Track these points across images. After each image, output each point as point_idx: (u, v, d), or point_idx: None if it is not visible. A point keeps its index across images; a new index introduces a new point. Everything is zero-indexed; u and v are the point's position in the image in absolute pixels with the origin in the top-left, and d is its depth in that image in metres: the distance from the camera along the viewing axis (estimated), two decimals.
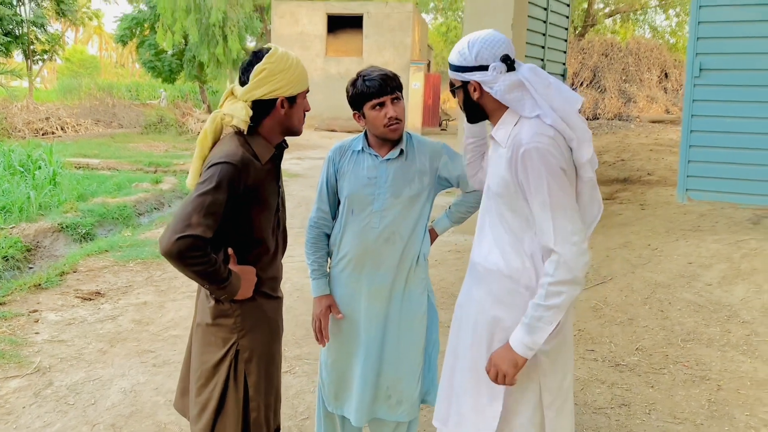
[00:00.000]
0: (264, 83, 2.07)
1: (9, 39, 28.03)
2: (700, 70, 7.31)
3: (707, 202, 7.30)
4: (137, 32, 30.51)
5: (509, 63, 1.99)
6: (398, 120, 2.42)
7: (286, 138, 2.26)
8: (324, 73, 24.55)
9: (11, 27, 28.48)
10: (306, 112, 2.22)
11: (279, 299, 2.32)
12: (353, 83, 2.46)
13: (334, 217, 2.62)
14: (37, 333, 4.54)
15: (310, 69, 24.27)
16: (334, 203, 2.61)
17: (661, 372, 3.95)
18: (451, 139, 12.86)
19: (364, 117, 2.46)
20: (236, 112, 2.08)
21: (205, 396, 2.16)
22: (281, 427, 3.33)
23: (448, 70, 2.11)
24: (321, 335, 2.59)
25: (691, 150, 7.46)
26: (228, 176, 1.99)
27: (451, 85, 2.13)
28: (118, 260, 6.32)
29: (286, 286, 5.45)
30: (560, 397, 2.10)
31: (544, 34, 8.51)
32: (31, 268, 6.60)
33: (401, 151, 2.50)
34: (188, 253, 1.93)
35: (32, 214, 8.09)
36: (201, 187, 1.99)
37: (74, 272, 5.93)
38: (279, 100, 2.10)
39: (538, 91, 1.96)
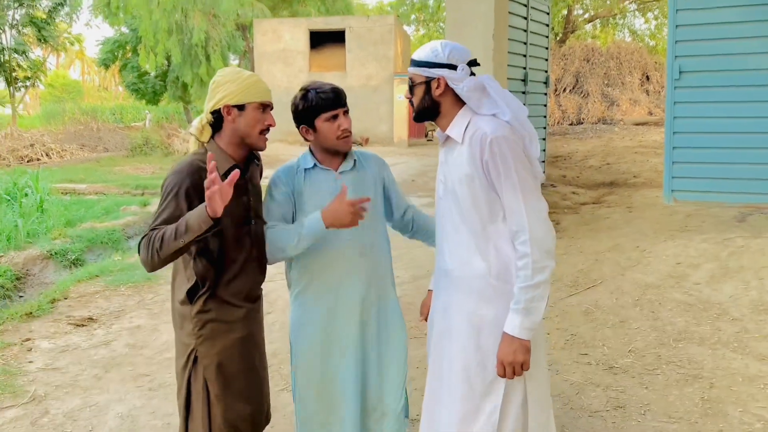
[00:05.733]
0: (214, 95, 2.27)
1: None
2: (680, 72, 7.42)
3: (693, 203, 7.39)
4: (119, 55, 30.50)
5: (472, 67, 2.19)
6: (350, 132, 2.46)
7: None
8: None
9: None
10: (269, 127, 2.32)
11: (246, 308, 2.34)
12: (304, 97, 2.43)
13: None
14: (30, 362, 4.52)
15: (294, 85, 24.31)
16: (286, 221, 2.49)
17: (655, 372, 3.98)
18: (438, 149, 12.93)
19: (314, 130, 2.44)
20: (194, 123, 2.32)
21: (179, 400, 2.30)
22: None
23: (410, 68, 2.23)
24: (359, 211, 2.34)
25: (674, 151, 7.55)
26: (177, 185, 2.15)
27: (411, 82, 2.23)
28: (109, 285, 6.29)
29: (278, 303, 5.45)
30: (541, 384, 2.20)
31: (525, 43, 8.61)
32: (21, 296, 6.57)
33: (355, 162, 2.52)
34: (143, 253, 2.10)
35: (20, 242, 8.05)
36: (159, 206, 2.18)
37: (65, 299, 5.91)
38: (224, 107, 2.24)
39: (497, 94, 2.15)
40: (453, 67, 2.15)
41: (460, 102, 2.20)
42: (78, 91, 53.27)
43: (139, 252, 2.13)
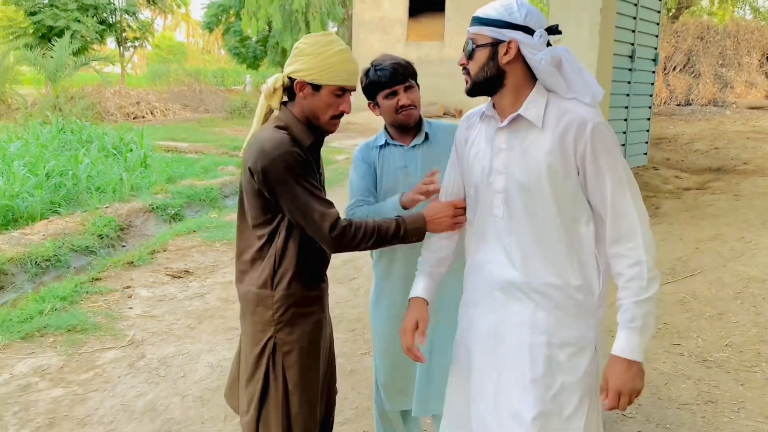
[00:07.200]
0: (294, 60, 2.09)
1: (103, 27, 29.47)
2: None
3: None
4: (223, 19, 31.41)
5: (552, 34, 1.81)
6: (412, 106, 2.41)
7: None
8: (405, 58, 24.49)
9: (105, 15, 29.93)
10: (342, 113, 2.11)
11: (322, 287, 2.25)
12: (366, 73, 2.43)
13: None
14: (130, 308, 4.79)
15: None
16: (371, 196, 2.50)
17: (753, 370, 3.77)
18: None
19: (378, 106, 2.45)
20: (268, 81, 2.14)
21: (251, 389, 2.17)
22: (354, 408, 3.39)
23: (473, 27, 1.85)
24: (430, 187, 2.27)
25: None
26: (296, 160, 1.99)
27: (471, 43, 1.85)
28: (205, 240, 6.55)
29: (364, 270, 5.51)
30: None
31: (634, 18, 8.20)
32: (123, 246, 6.94)
33: (426, 136, 2.48)
34: (348, 240, 2.03)
35: (125, 195, 8.49)
36: (298, 188, 2.00)
37: (164, 251, 6.20)
38: (297, 81, 2.06)
39: (573, 71, 1.81)
40: (529, 32, 1.77)
41: (530, 77, 1.83)
42: (183, 53, 55.24)
43: (336, 235, 2.00)
